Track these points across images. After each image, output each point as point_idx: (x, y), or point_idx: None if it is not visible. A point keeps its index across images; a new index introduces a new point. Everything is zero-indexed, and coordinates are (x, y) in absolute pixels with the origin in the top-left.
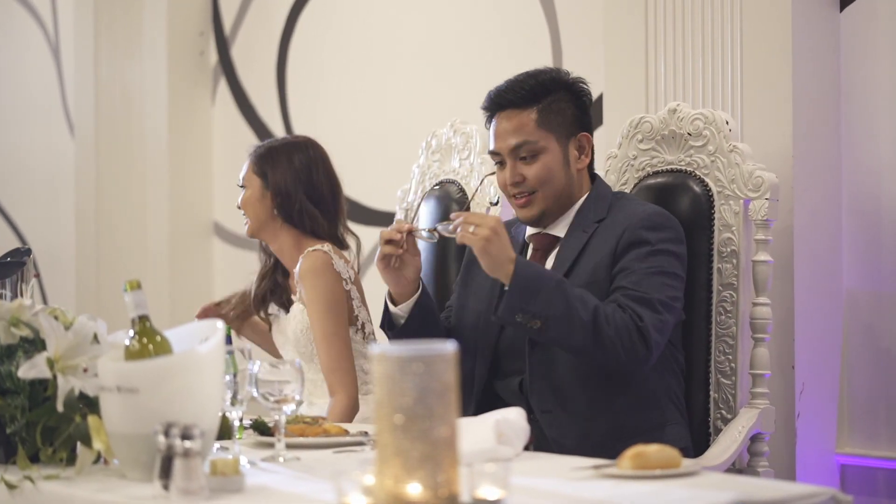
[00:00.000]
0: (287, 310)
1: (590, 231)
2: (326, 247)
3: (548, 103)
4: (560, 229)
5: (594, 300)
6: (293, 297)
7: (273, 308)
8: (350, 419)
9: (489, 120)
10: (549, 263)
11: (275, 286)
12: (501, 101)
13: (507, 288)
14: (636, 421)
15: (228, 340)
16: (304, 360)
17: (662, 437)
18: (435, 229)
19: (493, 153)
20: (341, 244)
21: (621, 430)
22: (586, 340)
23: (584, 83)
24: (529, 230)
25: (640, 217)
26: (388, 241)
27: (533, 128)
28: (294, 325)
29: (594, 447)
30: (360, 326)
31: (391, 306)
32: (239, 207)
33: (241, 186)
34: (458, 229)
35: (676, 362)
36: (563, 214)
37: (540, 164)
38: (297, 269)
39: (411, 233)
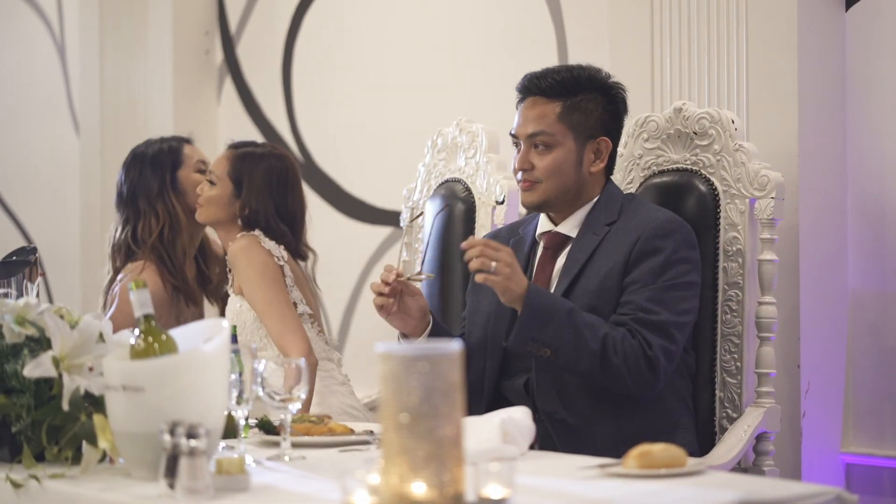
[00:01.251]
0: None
1: (601, 234)
2: (256, 232)
3: (576, 101)
4: (571, 229)
5: (604, 328)
6: (228, 289)
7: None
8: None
9: (519, 102)
10: (560, 263)
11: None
12: (532, 87)
13: (519, 316)
14: (642, 425)
15: (234, 339)
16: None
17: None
18: (420, 273)
19: (512, 135)
20: (303, 257)
21: (627, 434)
22: (594, 368)
23: (622, 90)
24: (540, 228)
25: (653, 226)
26: (379, 293)
27: (553, 120)
28: (228, 313)
29: (599, 451)
30: (293, 305)
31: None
32: (199, 194)
33: (209, 179)
34: (472, 260)
35: (686, 365)
36: (571, 212)
37: (551, 157)
38: (229, 253)
39: (400, 278)
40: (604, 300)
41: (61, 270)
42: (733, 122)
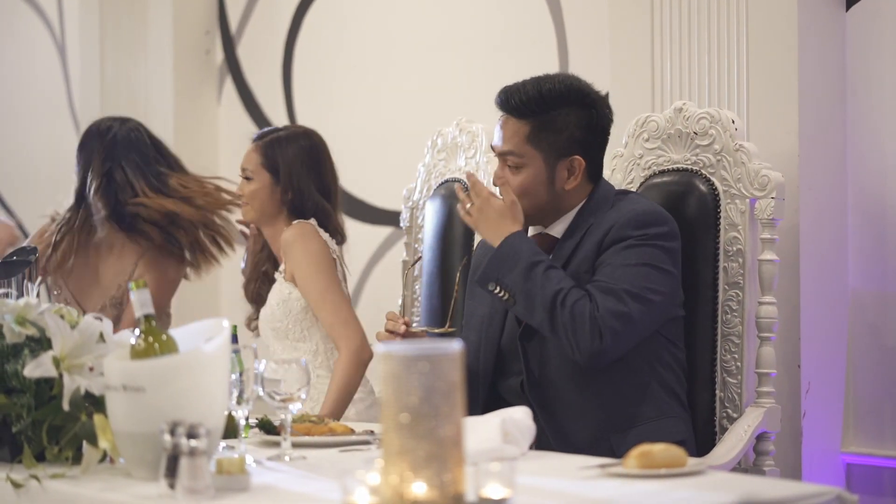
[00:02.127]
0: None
1: (584, 231)
2: (312, 221)
3: (546, 119)
4: (559, 230)
5: (564, 284)
6: (277, 275)
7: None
8: (357, 369)
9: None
10: None
11: (266, 273)
12: (504, 104)
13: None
14: (631, 413)
15: (234, 339)
16: (277, 338)
17: (657, 429)
18: (425, 331)
19: (492, 147)
20: (343, 238)
21: (616, 422)
22: (543, 322)
23: (600, 100)
24: (531, 230)
25: (628, 216)
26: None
27: (521, 141)
28: (272, 298)
29: (591, 441)
30: (347, 297)
31: None
32: (239, 196)
33: (246, 178)
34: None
35: (673, 357)
36: (559, 217)
37: (521, 177)
38: (282, 239)
39: (408, 327)
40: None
41: None
42: (733, 122)
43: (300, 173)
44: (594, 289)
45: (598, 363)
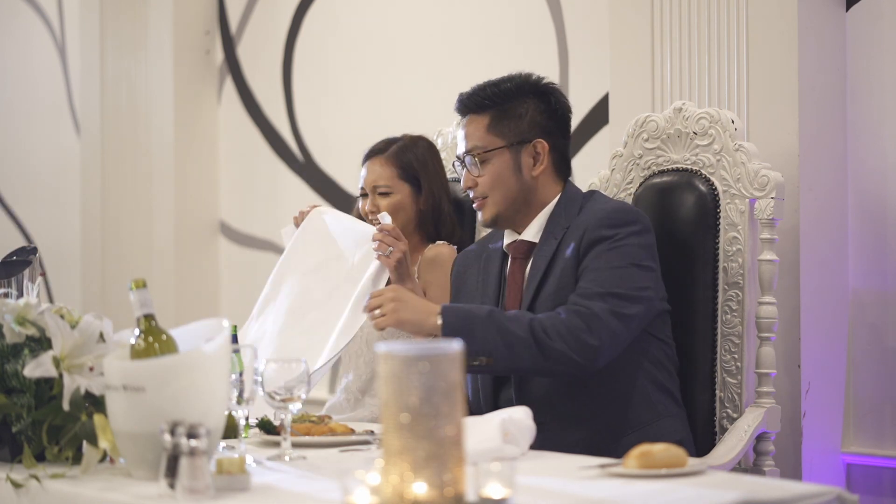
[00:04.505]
0: None
1: (559, 237)
2: (454, 247)
3: (504, 108)
4: (534, 235)
5: (528, 316)
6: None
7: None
8: None
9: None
10: (528, 271)
11: None
12: (462, 108)
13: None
14: (627, 417)
15: (234, 339)
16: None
17: (655, 432)
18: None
19: (457, 157)
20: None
21: (612, 428)
22: (534, 359)
23: (555, 89)
24: (507, 239)
25: (599, 216)
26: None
27: (483, 133)
28: None
29: (589, 449)
30: None
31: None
32: (373, 212)
33: (381, 192)
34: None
35: (663, 354)
36: (531, 218)
37: (488, 170)
38: (426, 254)
39: None
40: (564, 299)
41: (61, 270)
42: (733, 121)
43: (436, 177)
44: (577, 296)
45: (596, 365)
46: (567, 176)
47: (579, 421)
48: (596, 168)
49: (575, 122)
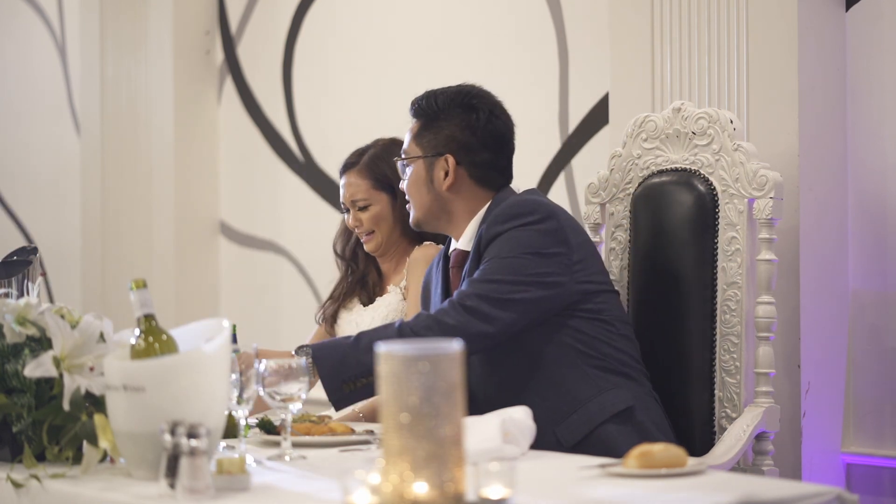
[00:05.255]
0: (368, 303)
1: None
2: (440, 246)
3: (432, 119)
4: (467, 243)
5: (397, 323)
6: (388, 287)
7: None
8: None
9: None
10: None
11: (364, 285)
12: (410, 108)
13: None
14: (566, 399)
15: (234, 339)
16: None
17: (598, 406)
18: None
19: None
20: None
21: (555, 413)
22: None
23: (488, 104)
24: (452, 247)
25: (494, 214)
26: None
27: (411, 139)
28: (384, 306)
29: (537, 438)
30: None
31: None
32: (357, 227)
33: (359, 207)
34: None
35: (603, 332)
36: (460, 226)
37: (409, 175)
38: (411, 257)
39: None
40: None
41: (62, 270)
42: (732, 121)
43: None
44: (457, 292)
45: (473, 347)
46: (499, 186)
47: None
48: (596, 168)
49: (575, 122)
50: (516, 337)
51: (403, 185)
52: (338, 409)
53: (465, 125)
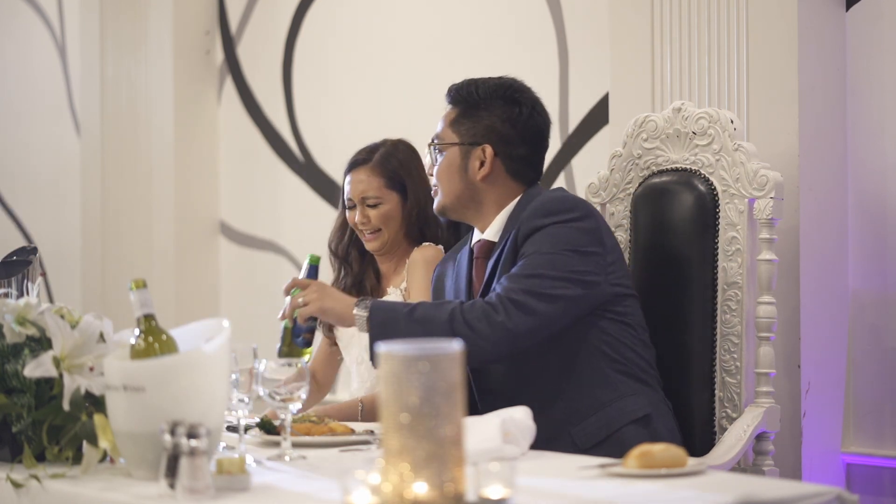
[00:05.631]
0: None
1: (509, 234)
2: (440, 247)
3: (472, 107)
4: (494, 234)
5: (455, 303)
6: (388, 289)
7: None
8: None
9: None
10: (489, 268)
11: (361, 289)
12: (447, 94)
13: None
14: (586, 400)
15: (316, 273)
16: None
17: (615, 411)
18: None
19: None
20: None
21: (573, 412)
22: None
23: (529, 100)
24: (474, 238)
25: (532, 208)
26: None
27: (446, 125)
28: None
29: (549, 438)
30: None
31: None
32: (364, 224)
33: (369, 204)
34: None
35: (627, 336)
36: (487, 217)
37: (441, 161)
38: (411, 258)
39: None
40: None
41: (61, 270)
42: (732, 121)
43: (420, 180)
44: (501, 282)
45: (516, 343)
46: (530, 181)
47: (541, 407)
48: (596, 168)
49: (575, 122)
50: (554, 335)
51: (433, 170)
52: (375, 367)
53: (507, 118)
